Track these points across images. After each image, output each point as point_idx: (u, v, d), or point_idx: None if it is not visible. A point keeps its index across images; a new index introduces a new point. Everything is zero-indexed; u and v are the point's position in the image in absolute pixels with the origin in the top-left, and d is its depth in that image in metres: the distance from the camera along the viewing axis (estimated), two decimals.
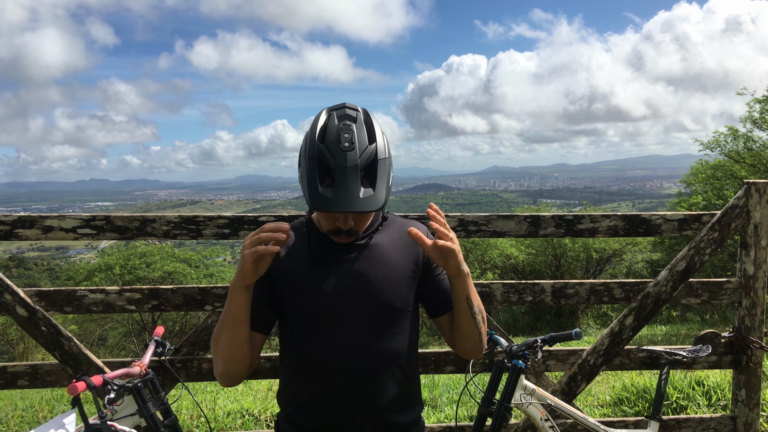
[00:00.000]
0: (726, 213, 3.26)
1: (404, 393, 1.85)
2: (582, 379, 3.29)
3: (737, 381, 3.43)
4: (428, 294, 1.93)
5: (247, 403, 4.99)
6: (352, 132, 1.68)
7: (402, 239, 1.91)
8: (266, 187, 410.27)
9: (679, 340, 9.89)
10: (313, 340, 1.79)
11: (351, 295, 1.79)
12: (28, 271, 47.23)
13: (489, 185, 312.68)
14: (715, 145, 18.88)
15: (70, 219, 3.03)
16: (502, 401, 2.87)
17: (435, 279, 1.92)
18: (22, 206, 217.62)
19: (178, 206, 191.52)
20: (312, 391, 1.79)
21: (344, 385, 1.76)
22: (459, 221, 3.19)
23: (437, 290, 1.93)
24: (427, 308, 1.97)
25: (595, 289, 3.30)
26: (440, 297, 1.93)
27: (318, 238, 1.88)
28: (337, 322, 1.78)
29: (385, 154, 1.73)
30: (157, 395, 2.77)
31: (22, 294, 2.98)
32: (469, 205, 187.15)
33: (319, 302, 1.79)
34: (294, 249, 1.87)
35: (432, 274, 1.92)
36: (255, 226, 3.08)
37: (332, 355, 1.77)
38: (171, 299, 3.10)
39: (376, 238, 1.88)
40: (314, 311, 1.79)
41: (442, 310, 1.94)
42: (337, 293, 1.79)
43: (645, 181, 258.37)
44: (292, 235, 1.91)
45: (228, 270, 24.25)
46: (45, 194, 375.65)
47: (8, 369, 3.09)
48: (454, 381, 5.98)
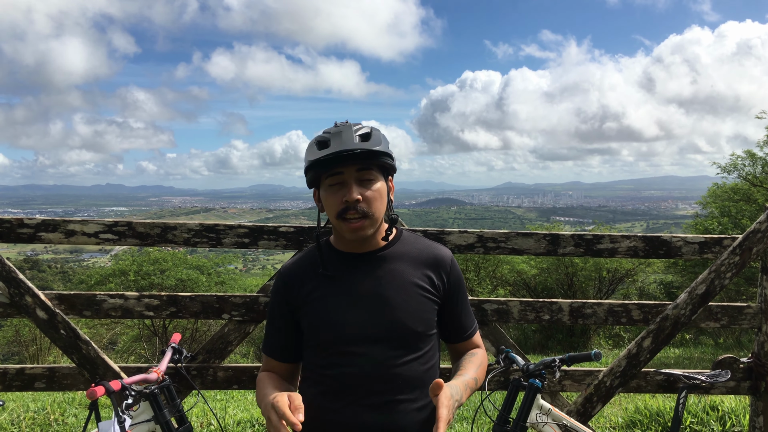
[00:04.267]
0: (748, 237, 3.23)
1: (428, 419, 1.81)
2: (598, 401, 3.26)
3: (755, 408, 3.38)
4: (444, 321, 1.93)
5: (257, 413, 4.99)
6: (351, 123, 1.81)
7: (422, 258, 1.89)
8: (280, 197, 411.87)
9: (692, 364, 9.77)
10: (334, 365, 1.78)
11: (372, 318, 1.77)
12: (42, 274, 47.59)
13: (502, 201, 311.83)
14: (733, 168, 18.77)
15: (93, 224, 3.06)
16: (517, 420, 2.85)
17: (453, 309, 1.93)
18: (39, 209, 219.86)
19: (192, 213, 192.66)
20: (332, 415, 1.76)
21: (366, 410, 1.74)
22: (478, 237, 3.19)
23: (452, 320, 1.94)
24: (440, 332, 1.96)
25: (613, 309, 3.28)
26: (455, 326, 1.95)
27: (336, 258, 1.87)
28: (358, 346, 1.76)
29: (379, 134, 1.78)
30: (172, 402, 2.78)
31: (42, 297, 3.01)
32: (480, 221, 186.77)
33: (339, 326, 1.77)
34: (312, 275, 1.86)
35: (450, 304, 1.92)
36: (274, 236, 3.09)
37: (354, 380, 1.75)
38: (189, 306, 3.12)
39: (394, 258, 1.86)
40: (335, 335, 1.77)
41: (452, 339, 1.96)
42: (357, 316, 1.77)
43: (660, 201, 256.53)
44: (309, 262, 1.90)
45: (240, 278, 24.29)
46: (61, 197, 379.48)
47: (26, 371, 3.11)
48: None
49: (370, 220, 1.76)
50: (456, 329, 1.95)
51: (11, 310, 3.04)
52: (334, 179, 1.75)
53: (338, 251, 1.88)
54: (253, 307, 3.12)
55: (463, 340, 1.98)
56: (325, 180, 1.77)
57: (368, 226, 1.77)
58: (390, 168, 1.82)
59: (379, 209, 1.79)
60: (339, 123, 1.80)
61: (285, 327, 1.87)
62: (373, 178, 1.77)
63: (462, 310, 1.95)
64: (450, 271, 1.89)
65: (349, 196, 1.72)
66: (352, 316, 1.77)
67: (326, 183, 1.77)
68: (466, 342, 1.99)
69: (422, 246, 1.92)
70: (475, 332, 2.01)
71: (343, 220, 1.75)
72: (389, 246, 1.88)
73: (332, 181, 1.75)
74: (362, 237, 1.79)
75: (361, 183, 1.75)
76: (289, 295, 1.86)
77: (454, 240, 3.16)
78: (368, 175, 1.76)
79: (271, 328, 1.91)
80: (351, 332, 1.76)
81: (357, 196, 1.72)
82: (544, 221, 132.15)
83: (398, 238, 1.92)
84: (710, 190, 20.39)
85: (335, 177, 1.75)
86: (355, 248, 1.85)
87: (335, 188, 1.75)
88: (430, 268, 1.87)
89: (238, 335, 3.17)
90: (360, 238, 1.79)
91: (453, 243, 3.15)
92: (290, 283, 1.87)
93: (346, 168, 1.73)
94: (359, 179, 1.75)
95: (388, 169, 1.82)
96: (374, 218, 1.77)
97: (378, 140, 1.75)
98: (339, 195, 1.74)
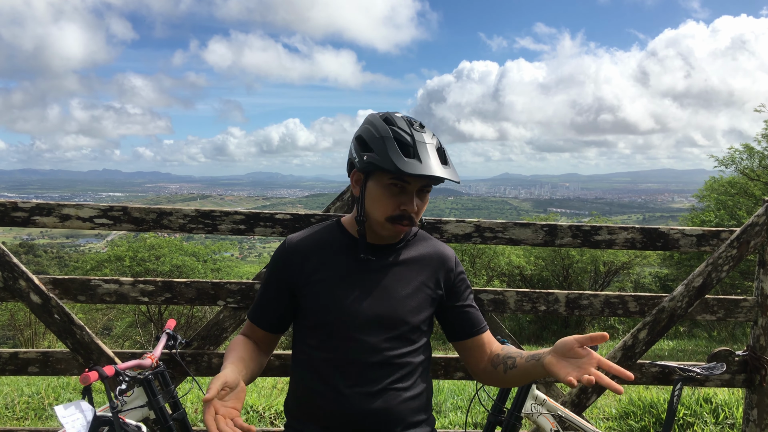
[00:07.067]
0: (745, 230, 3.23)
1: (419, 408, 1.83)
2: (592, 392, 3.26)
3: (749, 401, 3.39)
4: (449, 319, 1.94)
5: (251, 400, 4.99)
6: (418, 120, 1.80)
7: (429, 257, 1.91)
8: (277, 185, 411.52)
9: (686, 356, 9.82)
10: (329, 350, 1.78)
11: (372, 308, 1.78)
12: (38, 258, 47.56)
13: (499, 192, 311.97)
14: (730, 162, 18.80)
15: (88, 208, 3.03)
16: (512, 410, 2.86)
17: (460, 307, 1.93)
18: (35, 193, 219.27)
19: (189, 200, 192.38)
20: (325, 401, 1.76)
21: (359, 397, 1.74)
22: (475, 227, 3.17)
23: (459, 318, 1.93)
24: (445, 331, 1.97)
25: (609, 301, 3.27)
26: (462, 325, 1.93)
27: (346, 244, 1.87)
28: (354, 333, 1.77)
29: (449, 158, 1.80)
30: (166, 388, 2.77)
31: (36, 281, 2.99)
32: (477, 211, 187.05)
33: (339, 312, 1.77)
34: (319, 254, 1.85)
35: (458, 302, 1.92)
36: (271, 223, 3.07)
37: (348, 366, 1.76)
38: (184, 293, 3.10)
39: (406, 253, 1.89)
40: (333, 320, 1.78)
41: (458, 337, 1.94)
42: (358, 305, 1.78)
43: (656, 194, 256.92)
44: (322, 238, 1.90)
45: (235, 265, 24.29)
46: (57, 182, 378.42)
47: (20, 355, 3.09)
48: (458, 387, 5.96)
49: (413, 226, 1.83)
50: (463, 325, 1.93)
51: (5, 294, 3.01)
52: (398, 183, 1.74)
53: (351, 236, 1.88)
54: (248, 294, 3.10)
55: (479, 332, 1.93)
56: (386, 178, 1.75)
57: (408, 231, 1.87)
58: None
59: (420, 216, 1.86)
60: (413, 121, 1.79)
61: (278, 298, 1.86)
62: (429, 191, 1.82)
63: (472, 304, 1.95)
64: (455, 269, 1.94)
65: (409, 208, 1.75)
66: (352, 302, 1.78)
67: (386, 181, 1.75)
68: (483, 334, 1.94)
69: (431, 245, 1.96)
70: (487, 328, 1.98)
71: (392, 222, 1.77)
72: (403, 241, 1.91)
73: (395, 182, 1.74)
74: (397, 238, 1.87)
75: (419, 194, 1.79)
76: (289, 268, 1.84)
77: (452, 229, 3.14)
78: (429, 189, 1.81)
79: (263, 297, 1.89)
80: (349, 318, 1.77)
81: (416, 208, 1.77)
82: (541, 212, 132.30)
83: (413, 235, 1.95)
84: (707, 184, 20.44)
85: (401, 182, 1.74)
86: (374, 239, 1.87)
87: (394, 190, 1.75)
88: (436, 267, 1.90)
89: (233, 322, 3.15)
90: (396, 239, 1.87)
91: (450, 232, 3.13)
92: (293, 257, 1.85)
93: (418, 181, 1.75)
94: (419, 190, 1.78)
95: None
96: (416, 224, 1.83)
97: (452, 167, 1.78)
98: (397, 200, 1.75)
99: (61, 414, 2.30)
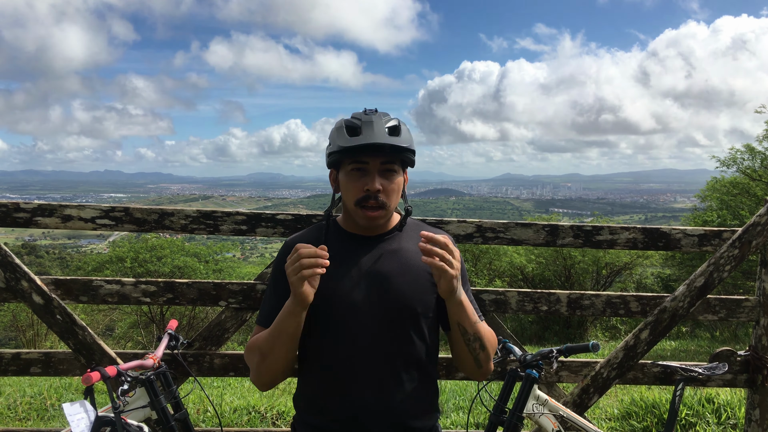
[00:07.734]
0: (747, 230, 3.22)
1: (424, 398, 1.85)
2: (594, 392, 3.26)
3: (751, 400, 3.39)
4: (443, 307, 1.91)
5: (253, 400, 5.00)
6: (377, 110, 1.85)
7: None
8: (278, 186, 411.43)
9: (688, 356, 9.80)
10: (333, 341, 1.79)
11: (373, 297, 1.79)
12: (40, 259, 47.57)
13: (501, 192, 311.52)
14: (732, 162, 18.78)
15: (90, 209, 3.04)
16: (514, 410, 2.85)
17: None
18: (37, 194, 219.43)
19: (190, 200, 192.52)
20: (330, 392, 1.79)
21: (364, 388, 1.76)
22: (477, 227, 3.17)
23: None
24: (441, 323, 1.96)
25: (611, 301, 3.27)
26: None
27: (342, 237, 1.90)
28: (358, 324, 1.78)
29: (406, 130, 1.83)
30: (168, 388, 2.77)
31: (38, 282, 3.00)
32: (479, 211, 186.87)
33: (340, 303, 1.79)
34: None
35: None
36: (272, 224, 3.08)
37: (353, 357, 1.77)
38: (186, 293, 3.10)
39: (400, 242, 1.90)
40: (336, 311, 1.79)
41: (446, 326, 1.93)
42: (359, 294, 1.79)
43: (658, 194, 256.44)
44: (316, 236, 1.92)
45: (237, 266, 24.26)
46: (59, 183, 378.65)
47: (22, 356, 3.10)
48: (461, 387, 5.96)
49: (386, 210, 1.82)
50: None
51: (7, 295, 3.02)
52: (357, 165, 1.79)
53: (345, 231, 1.92)
54: (250, 295, 3.11)
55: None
56: (347, 165, 1.80)
57: (383, 216, 1.83)
58: (410, 162, 1.87)
59: (395, 201, 1.85)
60: (368, 110, 1.84)
61: (286, 295, 1.86)
62: (395, 171, 1.82)
63: (467, 292, 1.93)
64: None
65: (371, 186, 1.77)
66: (353, 293, 1.79)
67: (348, 168, 1.80)
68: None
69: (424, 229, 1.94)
70: (482, 320, 1.97)
71: (361, 207, 1.80)
72: (396, 230, 1.93)
73: (355, 167, 1.79)
74: (375, 225, 1.85)
75: (382, 174, 1.80)
76: None
77: (453, 230, 3.15)
78: (391, 167, 1.81)
79: (273, 298, 1.89)
80: (351, 309, 1.78)
81: (379, 186, 1.77)
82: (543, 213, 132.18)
83: (405, 224, 1.96)
84: (709, 184, 20.41)
85: (359, 164, 1.79)
86: (364, 231, 1.90)
87: (357, 175, 1.79)
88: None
89: (235, 323, 3.16)
90: (373, 226, 1.85)
91: (452, 233, 3.14)
92: None
93: (373, 159, 1.78)
94: (382, 170, 1.80)
95: (408, 163, 1.87)
96: (389, 209, 1.83)
97: (405, 136, 1.80)
98: (360, 182, 1.78)
99: (68, 411, 2.32)
